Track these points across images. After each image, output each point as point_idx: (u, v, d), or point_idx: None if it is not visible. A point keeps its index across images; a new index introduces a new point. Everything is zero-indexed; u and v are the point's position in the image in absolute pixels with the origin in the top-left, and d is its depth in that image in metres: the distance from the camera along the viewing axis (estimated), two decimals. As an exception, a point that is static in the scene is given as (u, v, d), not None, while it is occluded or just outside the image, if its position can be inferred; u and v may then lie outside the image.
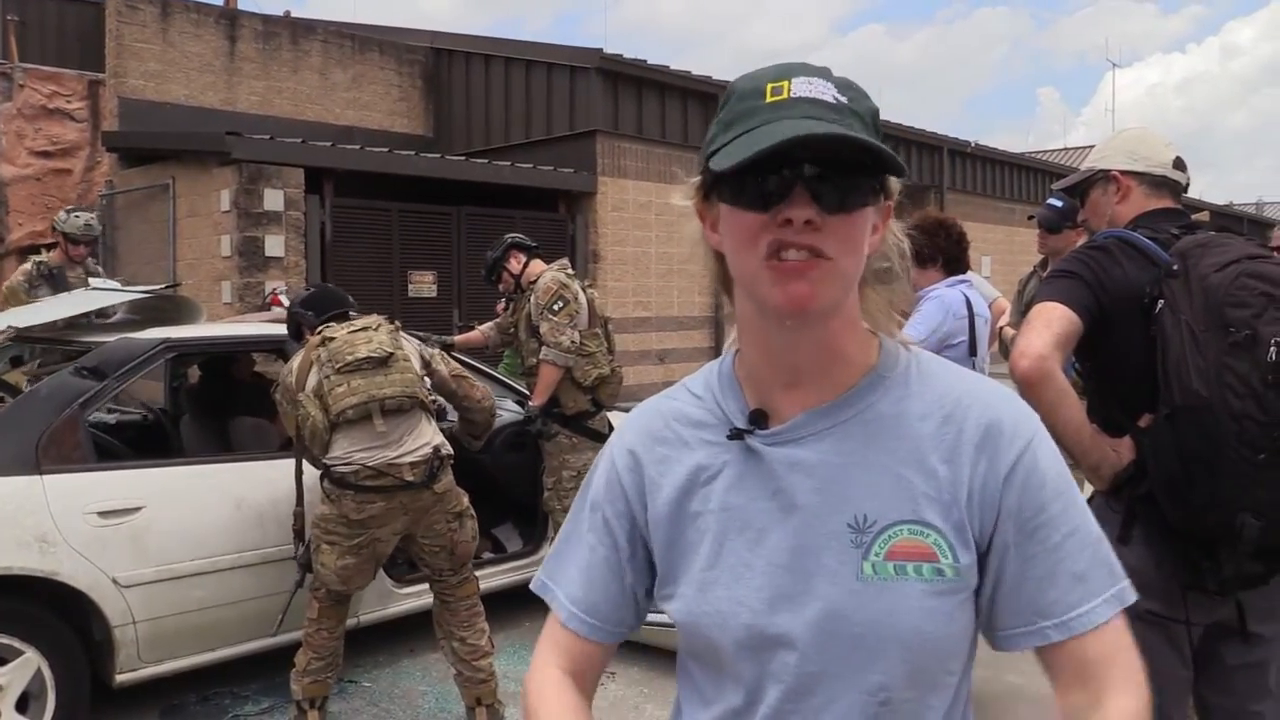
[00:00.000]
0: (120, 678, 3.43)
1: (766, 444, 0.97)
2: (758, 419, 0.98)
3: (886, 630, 0.91)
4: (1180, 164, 2.21)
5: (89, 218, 6.03)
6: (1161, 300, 1.90)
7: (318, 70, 12.89)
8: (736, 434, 0.98)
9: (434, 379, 3.65)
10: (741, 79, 0.94)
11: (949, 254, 3.56)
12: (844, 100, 0.89)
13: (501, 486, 4.85)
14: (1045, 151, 28.37)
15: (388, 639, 4.38)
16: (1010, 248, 17.86)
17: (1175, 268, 1.91)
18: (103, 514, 3.35)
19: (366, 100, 13.33)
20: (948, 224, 3.63)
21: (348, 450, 3.30)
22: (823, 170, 0.87)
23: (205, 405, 4.88)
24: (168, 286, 6.07)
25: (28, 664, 3.19)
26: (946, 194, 16.62)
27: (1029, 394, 1.86)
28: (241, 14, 12.49)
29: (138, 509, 3.42)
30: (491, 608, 3.77)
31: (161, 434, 4.99)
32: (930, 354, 1.03)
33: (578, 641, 1.07)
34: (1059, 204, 4.25)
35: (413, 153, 10.55)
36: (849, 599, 0.91)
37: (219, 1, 12.70)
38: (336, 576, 3.37)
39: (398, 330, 3.57)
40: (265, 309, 6.89)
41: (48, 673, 3.23)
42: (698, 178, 0.97)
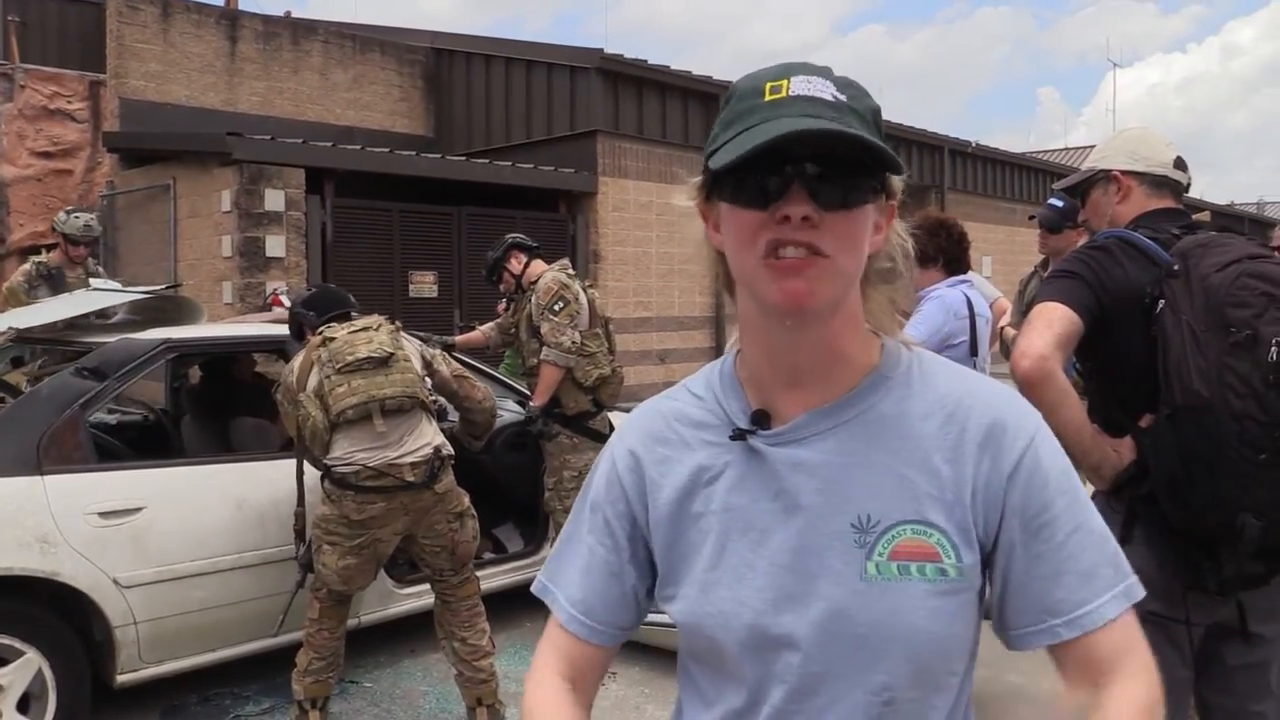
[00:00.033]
0: (121, 678, 3.43)
1: (769, 444, 0.97)
2: (760, 419, 0.98)
3: (890, 630, 0.90)
4: (1181, 164, 2.21)
5: (89, 218, 6.04)
6: (1162, 300, 1.90)
7: (318, 71, 12.89)
8: (739, 434, 0.98)
9: (435, 379, 3.65)
10: (742, 79, 0.94)
11: (950, 254, 3.56)
12: (843, 98, 0.89)
13: (502, 487, 4.85)
14: (1046, 151, 28.37)
15: (389, 639, 4.38)
16: (1011, 248, 17.86)
17: (1176, 268, 1.91)
18: (104, 514, 3.35)
19: (367, 100, 13.33)
20: (949, 224, 3.64)
21: (348, 450, 3.30)
22: (821, 167, 0.86)
23: (206, 406, 4.88)
24: (169, 287, 6.08)
25: (29, 664, 3.20)
26: (947, 194, 16.62)
27: (1030, 394, 1.86)
28: (242, 14, 12.49)
29: (139, 509, 3.43)
30: (492, 608, 3.77)
31: (162, 434, 4.99)
32: (931, 354, 1.03)
33: (577, 644, 1.07)
34: (1060, 204, 4.25)
35: (413, 153, 10.55)
36: (853, 599, 0.91)
37: (220, 2, 12.70)
38: (338, 577, 3.37)
39: (398, 330, 3.57)
40: (266, 309, 6.89)
41: (49, 673, 3.23)
42: (699, 178, 0.97)
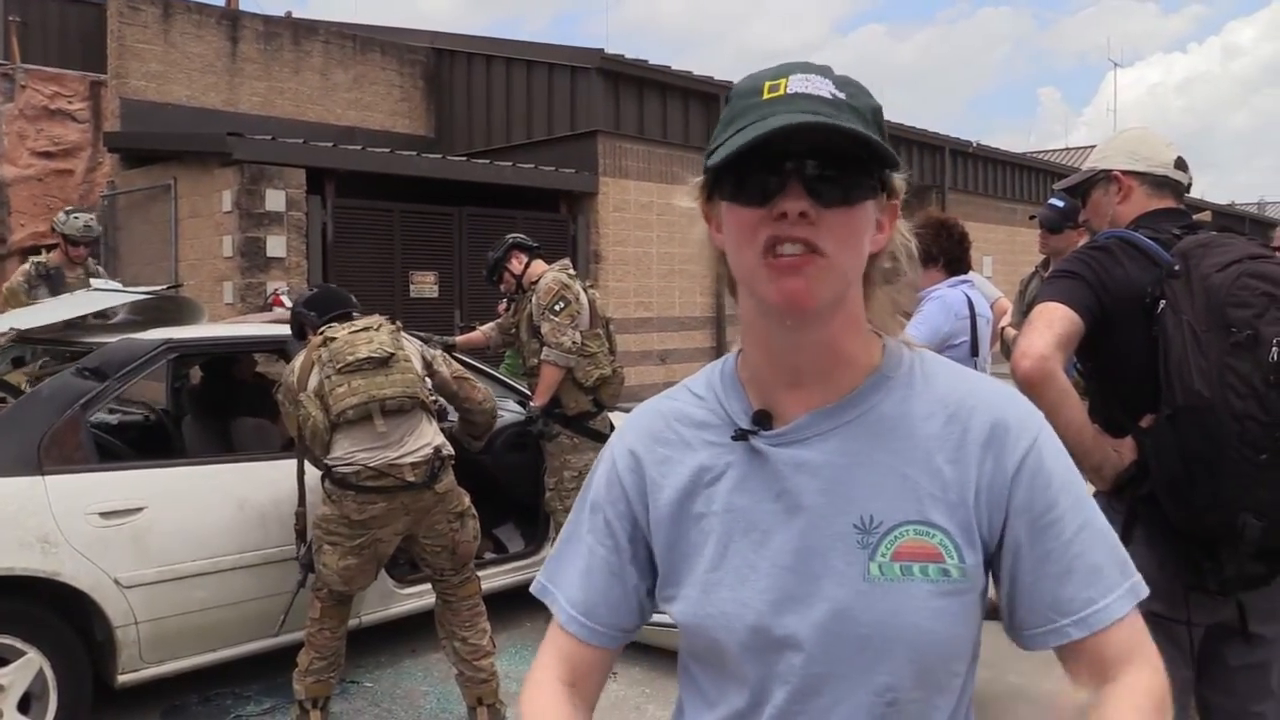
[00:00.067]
0: (122, 678, 3.43)
1: (771, 445, 0.97)
2: (762, 420, 0.98)
3: (893, 631, 0.90)
4: (1182, 164, 2.21)
5: (88, 219, 6.04)
6: (1163, 300, 1.90)
7: (319, 71, 12.90)
8: (741, 435, 0.98)
9: (436, 380, 3.66)
10: (742, 80, 0.94)
11: (951, 254, 3.57)
12: (842, 96, 0.89)
13: (503, 487, 4.86)
14: (1047, 151, 28.37)
15: (390, 639, 4.38)
16: (1012, 248, 17.85)
17: (1177, 268, 1.91)
18: (105, 514, 3.35)
19: (368, 101, 13.33)
20: (949, 224, 3.64)
21: (349, 451, 3.30)
22: (819, 164, 0.87)
23: (207, 406, 4.88)
24: (170, 287, 6.08)
25: (30, 664, 3.20)
26: (948, 194, 16.62)
27: (1031, 394, 1.85)
28: (243, 15, 12.50)
29: (140, 509, 3.43)
30: (493, 608, 3.77)
31: (163, 434, 4.99)
32: (933, 354, 1.03)
33: (578, 646, 1.06)
34: (1060, 204, 4.25)
35: (414, 153, 10.55)
36: (856, 600, 0.91)
37: (220, 2, 12.71)
38: (338, 577, 3.37)
39: (399, 331, 3.57)
40: (267, 309, 6.90)
41: (50, 673, 3.23)
42: (701, 178, 0.97)
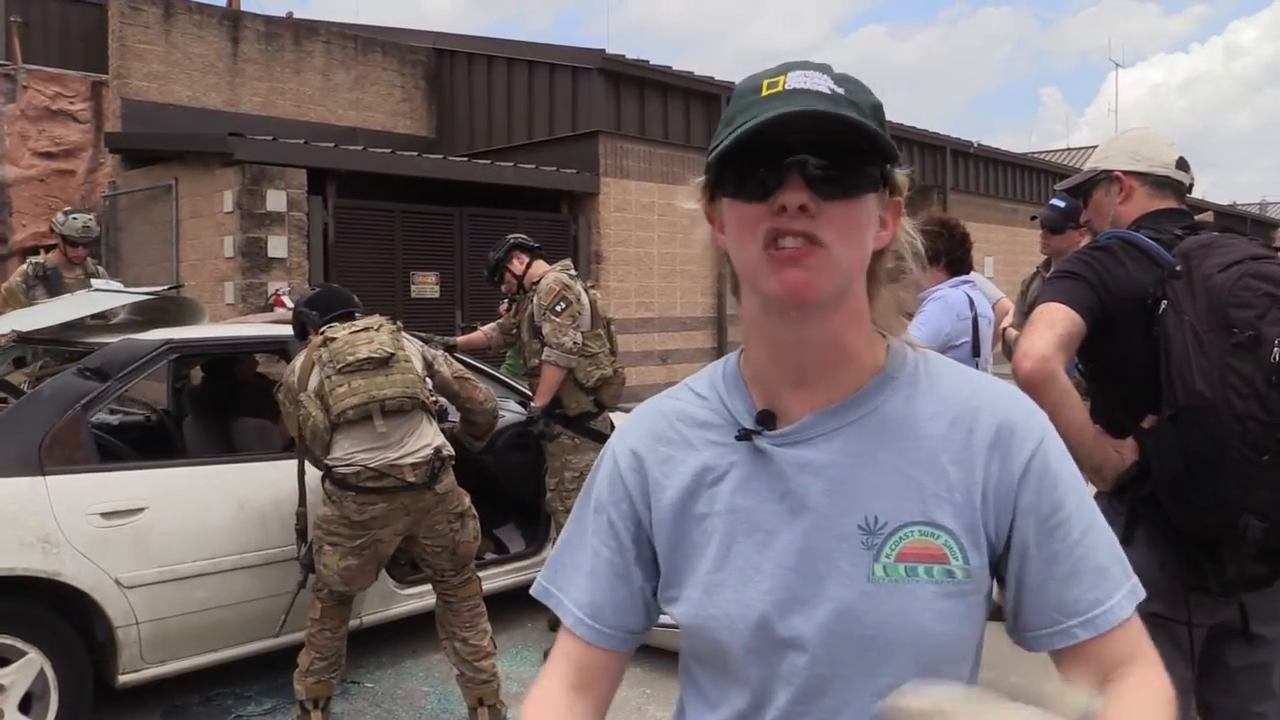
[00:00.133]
0: (123, 678, 3.43)
1: (775, 445, 0.96)
2: (765, 419, 0.97)
3: (897, 632, 0.90)
4: (1183, 164, 2.21)
5: (87, 219, 6.04)
6: (1165, 301, 1.90)
7: (320, 71, 12.90)
8: (745, 434, 0.97)
9: (437, 380, 3.66)
10: (743, 80, 0.94)
11: (952, 254, 3.57)
12: (840, 91, 0.89)
13: (504, 487, 4.86)
14: (1048, 152, 28.36)
15: (390, 640, 4.38)
16: (1013, 248, 17.84)
17: (1178, 268, 1.91)
18: (106, 515, 3.35)
19: (369, 101, 13.33)
20: (951, 224, 3.64)
21: (349, 451, 3.30)
22: (818, 158, 0.87)
23: (208, 406, 4.88)
24: (171, 288, 6.08)
25: (30, 664, 3.20)
26: (949, 194, 16.61)
27: (1032, 395, 1.83)
28: (244, 15, 12.51)
29: (141, 510, 3.43)
30: (494, 608, 3.77)
31: (164, 435, 4.99)
32: (936, 354, 1.02)
33: (586, 650, 1.04)
34: (1062, 204, 4.25)
35: (415, 153, 10.55)
36: (860, 601, 0.91)
37: (222, 3, 12.72)
38: (339, 577, 3.37)
39: (400, 331, 3.57)
40: (268, 310, 6.90)
41: (50, 673, 3.24)
42: (703, 178, 0.97)
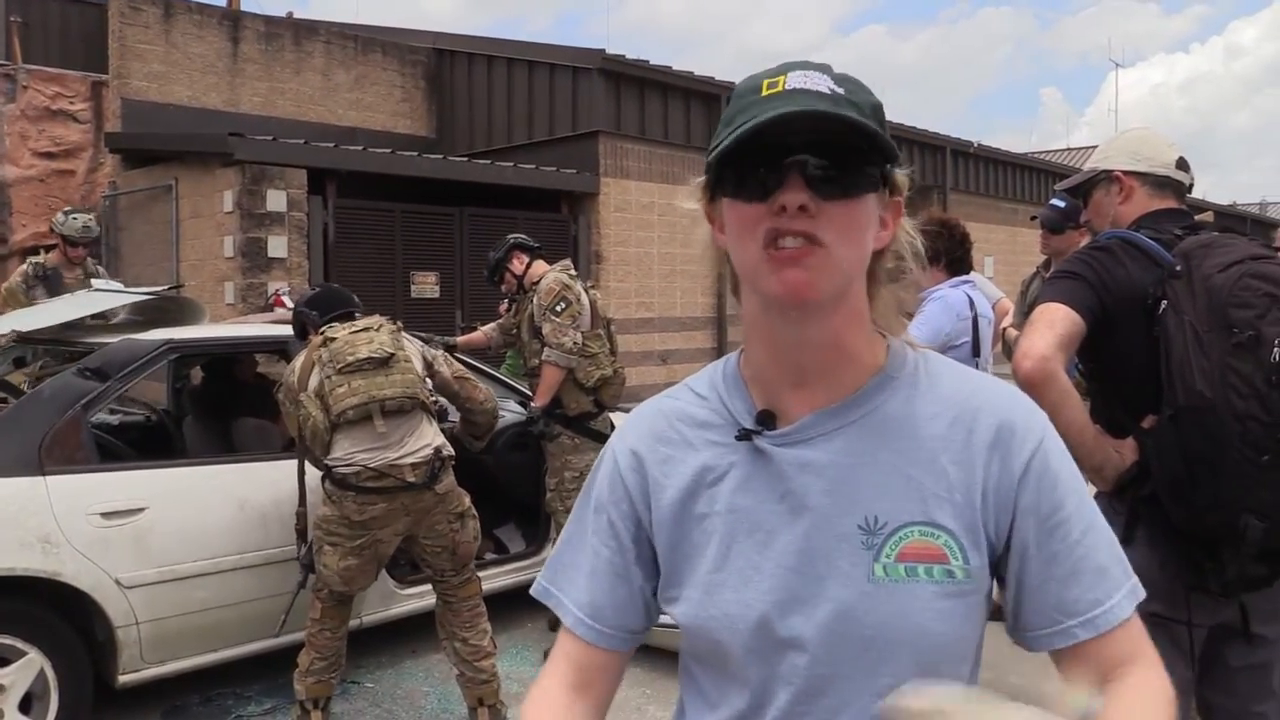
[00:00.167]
0: (123, 678, 3.43)
1: (775, 445, 0.96)
2: (766, 419, 0.97)
3: (897, 632, 0.90)
4: (1183, 164, 2.21)
5: (87, 219, 6.04)
6: (1165, 301, 1.90)
7: (320, 71, 12.90)
8: (745, 434, 0.97)
9: (437, 380, 3.66)
10: (743, 80, 0.94)
11: (952, 254, 3.57)
12: (840, 91, 0.89)
13: (504, 487, 4.86)
14: (1048, 152, 28.36)
15: (390, 640, 4.38)
16: (1013, 248, 17.84)
17: (1178, 268, 1.91)
18: (106, 515, 3.35)
19: (369, 101, 13.33)
20: (951, 224, 3.64)
21: (349, 451, 3.30)
22: (818, 158, 0.87)
23: (208, 406, 4.88)
24: (171, 288, 6.09)
25: (31, 664, 3.20)
26: (949, 194, 16.61)
27: (1032, 395, 1.83)
28: (244, 15, 12.50)
29: (141, 510, 3.43)
30: (494, 608, 3.77)
31: (164, 435, 4.99)
32: (936, 354, 1.03)
33: (587, 650, 1.04)
34: (1062, 204, 4.25)
35: (415, 154, 10.55)
36: (860, 601, 0.91)
37: (222, 3, 12.72)
38: (339, 577, 3.37)
39: (399, 331, 3.57)
40: (268, 310, 6.90)
41: (50, 673, 3.24)
42: (703, 178, 0.97)
